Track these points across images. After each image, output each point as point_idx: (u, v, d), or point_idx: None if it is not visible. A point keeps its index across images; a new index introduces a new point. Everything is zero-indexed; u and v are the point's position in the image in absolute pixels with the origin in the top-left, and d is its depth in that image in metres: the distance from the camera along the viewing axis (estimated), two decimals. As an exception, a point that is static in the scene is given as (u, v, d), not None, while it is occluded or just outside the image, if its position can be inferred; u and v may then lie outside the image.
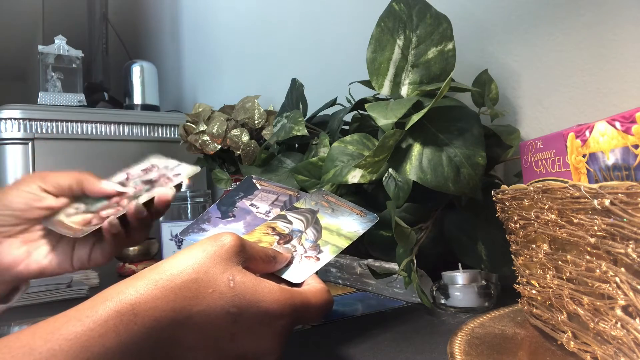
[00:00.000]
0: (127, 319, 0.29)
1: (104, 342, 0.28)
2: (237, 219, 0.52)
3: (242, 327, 0.33)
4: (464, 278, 0.56)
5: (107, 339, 0.28)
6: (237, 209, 0.53)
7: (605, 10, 0.58)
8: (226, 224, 0.51)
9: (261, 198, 0.54)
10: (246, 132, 1.10)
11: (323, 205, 0.52)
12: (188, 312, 0.31)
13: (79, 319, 0.29)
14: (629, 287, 0.29)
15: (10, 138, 1.39)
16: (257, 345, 0.34)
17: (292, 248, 0.45)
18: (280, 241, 0.46)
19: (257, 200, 0.54)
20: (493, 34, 0.73)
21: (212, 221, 0.52)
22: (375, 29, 0.65)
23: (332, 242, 0.46)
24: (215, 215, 0.52)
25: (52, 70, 1.64)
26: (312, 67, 1.17)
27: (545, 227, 0.38)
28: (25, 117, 1.40)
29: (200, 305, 0.32)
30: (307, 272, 0.43)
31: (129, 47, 2.14)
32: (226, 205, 0.53)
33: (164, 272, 0.32)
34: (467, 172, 0.55)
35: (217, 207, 0.53)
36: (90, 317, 0.29)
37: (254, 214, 0.53)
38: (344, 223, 0.50)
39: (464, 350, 0.40)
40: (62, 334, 0.28)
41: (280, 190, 0.56)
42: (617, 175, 0.33)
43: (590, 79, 0.61)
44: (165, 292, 0.31)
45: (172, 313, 0.31)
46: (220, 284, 0.33)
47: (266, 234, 0.47)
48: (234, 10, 1.56)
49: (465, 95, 0.70)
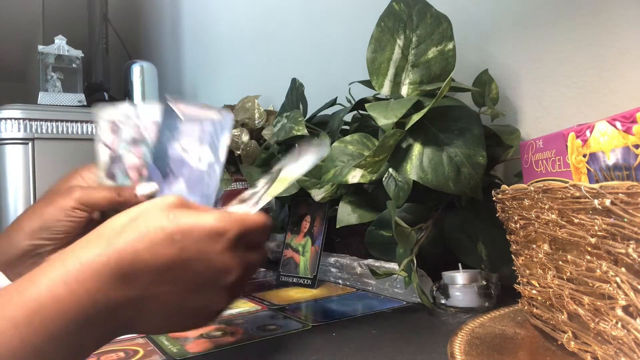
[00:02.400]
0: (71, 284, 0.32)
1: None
2: (176, 177, 0.52)
3: (190, 252, 0.34)
4: (464, 278, 0.56)
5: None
6: (171, 160, 0.52)
7: (605, 10, 0.58)
8: (171, 188, 0.51)
9: (187, 134, 0.52)
10: (246, 132, 1.10)
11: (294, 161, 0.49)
12: (133, 250, 0.33)
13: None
14: (629, 287, 0.29)
15: (10, 138, 1.39)
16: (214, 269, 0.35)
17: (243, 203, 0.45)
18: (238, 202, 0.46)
19: (185, 140, 0.52)
20: (493, 34, 0.73)
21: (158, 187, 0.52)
22: (376, 29, 0.65)
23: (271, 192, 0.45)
24: (157, 179, 0.52)
25: (52, 70, 1.63)
26: (312, 67, 1.16)
27: (546, 227, 0.38)
28: (25, 117, 1.40)
29: (143, 242, 0.33)
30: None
31: (129, 47, 2.14)
32: (161, 158, 0.52)
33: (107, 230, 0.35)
34: (468, 172, 0.55)
35: (155, 164, 0.52)
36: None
37: (189, 165, 0.52)
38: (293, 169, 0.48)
39: (464, 350, 0.40)
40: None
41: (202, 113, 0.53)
42: (618, 175, 0.33)
43: (590, 79, 0.61)
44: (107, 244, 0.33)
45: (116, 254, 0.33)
46: (161, 220, 0.34)
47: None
48: (234, 10, 1.56)
49: (465, 95, 0.70)
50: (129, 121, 0.53)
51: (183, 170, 0.52)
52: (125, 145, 0.53)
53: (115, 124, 0.53)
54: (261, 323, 0.54)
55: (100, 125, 0.54)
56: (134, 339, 0.51)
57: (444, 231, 0.62)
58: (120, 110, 0.54)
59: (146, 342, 0.49)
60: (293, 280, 0.74)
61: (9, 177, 1.38)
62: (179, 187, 0.51)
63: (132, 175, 0.53)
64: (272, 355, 0.44)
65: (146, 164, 0.53)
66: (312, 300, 0.65)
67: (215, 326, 0.54)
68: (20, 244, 0.48)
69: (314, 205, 0.77)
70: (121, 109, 0.54)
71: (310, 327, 0.52)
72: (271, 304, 0.63)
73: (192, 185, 0.52)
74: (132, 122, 0.53)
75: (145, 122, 0.53)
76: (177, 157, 0.52)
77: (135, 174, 0.53)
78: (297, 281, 0.74)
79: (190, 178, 0.52)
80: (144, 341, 0.50)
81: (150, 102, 0.54)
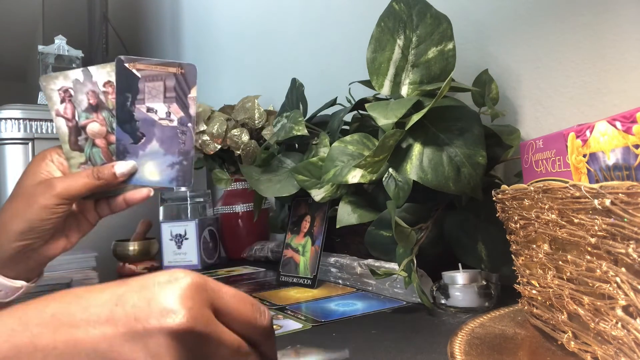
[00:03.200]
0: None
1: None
2: (149, 138, 0.50)
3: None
4: (464, 278, 0.56)
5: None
6: (140, 122, 0.50)
7: (605, 10, 0.58)
8: (145, 149, 0.50)
9: (150, 93, 0.50)
10: (246, 132, 1.10)
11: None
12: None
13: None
14: (629, 287, 0.29)
15: (10, 138, 1.39)
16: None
17: None
18: None
19: (149, 100, 0.50)
20: (493, 34, 0.73)
21: (130, 151, 0.50)
22: (376, 29, 0.65)
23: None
24: (127, 142, 0.50)
25: (52, 70, 1.63)
26: (312, 67, 1.17)
27: (546, 227, 0.38)
28: (25, 117, 1.40)
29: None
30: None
31: (129, 47, 2.14)
32: (127, 122, 0.50)
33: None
34: (468, 172, 0.55)
35: (122, 129, 0.50)
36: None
37: (159, 123, 0.50)
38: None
39: (464, 350, 0.40)
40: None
41: (160, 70, 0.51)
42: (618, 175, 0.33)
43: (590, 79, 0.61)
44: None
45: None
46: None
47: None
48: (234, 10, 1.56)
49: (465, 95, 0.70)
50: (83, 87, 0.51)
51: (154, 130, 0.50)
52: (84, 113, 0.51)
53: (67, 92, 0.51)
54: (261, 323, 0.54)
55: (51, 97, 0.51)
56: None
57: (444, 231, 0.62)
58: (70, 78, 0.51)
59: (146, 342, 0.49)
60: (293, 280, 0.74)
61: (9, 177, 1.38)
62: (153, 147, 0.50)
63: (99, 142, 0.51)
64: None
65: (112, 130, 0.51)
66: (312, 300, 0.65)
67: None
68: (9, 246, 0.47)
69: (314, 205, 0.77)
70: (71, 76, 0.51)
71: (310, 327, 0.52)
72: (271, 304, 0.63)
73: (166, 144, 0.50)
74: (86, 88, 0.51)
75: (101, 86, 0.51)
76: (144, 117, 0.50)
77: (103, 141, 0.51)
78: (297, 281, 0.74)
79: (162, 137, 0.50)
80: (144, 341, 0.50)
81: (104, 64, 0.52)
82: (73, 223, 0.52)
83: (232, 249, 1.15)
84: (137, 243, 1.00)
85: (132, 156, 0.50)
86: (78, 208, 0.53)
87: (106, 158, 0.51)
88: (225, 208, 1.14)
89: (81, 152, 0.51)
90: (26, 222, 0.47)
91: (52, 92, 0.51)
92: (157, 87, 0.50)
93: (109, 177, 0.49)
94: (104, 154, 0.51)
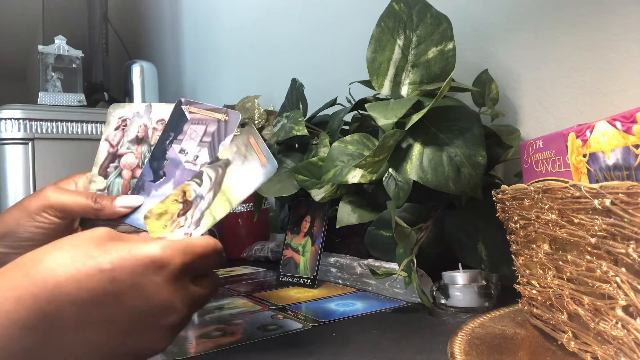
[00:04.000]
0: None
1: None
2: (167, 178, 0.49)
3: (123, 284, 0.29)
4: (464, 278, 0.56)
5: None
6: (168, 162, 0.50)
7: (606, 11, 0.58)
8: (157, 189, 0.49)
9: (190, 135, 0.50)
10: (246, 132, 1.10)
11: (240, 152, 0.48)
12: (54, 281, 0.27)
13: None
14: (629, 287, 0.29)
15: (10, 138, 1.39)
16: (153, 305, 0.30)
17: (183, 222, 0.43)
18: (181, 212, 0.44)
19: (186, 141, 0.50)
20: (493, 34, 0.73)
21: (145, 188, 0.49)
22: (376, 29, 0.65)
23: (213, 213, 0.44)
24: (148, 179, 0.50)
25: (52, 70, 1.63)
26: (312, 67, 1.17)
27: (546, 227, 0.38)
28: (25, 117, 1.40)
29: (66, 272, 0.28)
30: None
31: (129, 47, 2.14)
32: (158, 159, 0.50)
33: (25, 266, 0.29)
34: (468, 172, 0.55)
35: (150, 165, 0.50)
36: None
37: (183, 165, 0.50)
38: (239, 180, 0.46)
39: (464, 350, 0.40)
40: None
41: (208, 115, 0.51)
42: (618, 175, 0.33)
43: (590, 79, 0.61)
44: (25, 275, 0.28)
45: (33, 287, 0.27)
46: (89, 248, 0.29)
47: (175, 202, 0.45)
48: (234, 10, 1.56)
49: (465, 95, 0.70)
50: (139, 120, 0.52)
51: (176, 172, 0.50)
52: (128, 143, 0.52)
53: (125, 121, 0.52)
54: (261, 323, 0.54)
55: (110, 122, 0.53)
56: (134, 339, 0.51)
57: (444, 231, 0.62)
58: (134, 109, 0.52)
59: (146, 342, 0.49)
60: (293, 280, 0.74)
61: (9, 177, 1.38)
62: (166, 189, 0.49)
63: (125, 174, 0.51)
64: (272, 355, 0.44)
65: (142, 165, 0.51)
66: (312, 300, 0.65)
67: (215, 326, 0.54)
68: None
69: (314, 205, 0.77)
70: (135, 108, 0.53)
71: (311, 327, 0.52)
72: (271, 304, 0.63)
73: (177, 183, 0.49)
74: (141, 121, 0.52)
75: (154, 122, 0.52)
76: (174, 157, 0.50)
77: (129, 172, 0.52)
78: (297, 281, 0.74)
79: (180, 180, 0.49)
80: (144, 341, 0.50)
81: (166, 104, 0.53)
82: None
83: (232, 249, 1.15)
84: (137, 243, 1.00)
85: (145, 194, 0.49)
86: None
87: (123, 191, 0.51)
88: (225, 208, 1.14)
89: (104, 179, 0.51)
90: (3, 224, 0.43)
91: (112, 119, 0.53)
92: (198, 131, 0.51)
93: (107, 205, 0.46)
94: (122, 187, 0.51)
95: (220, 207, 0.44)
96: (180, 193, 0.45)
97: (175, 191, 0.45)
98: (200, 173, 0.47)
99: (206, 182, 0.46)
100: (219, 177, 0.46)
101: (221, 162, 0.47)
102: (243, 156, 0.47)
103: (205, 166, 0.47)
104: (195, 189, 0.46)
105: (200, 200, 0.45)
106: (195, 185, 0.46)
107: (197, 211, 0.44)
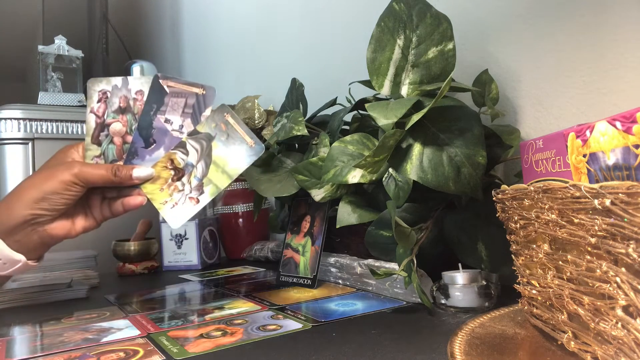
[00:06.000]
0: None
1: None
2: (158, 145, 0.57)
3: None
4: (464, 278, 0.56)
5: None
6: (155, 130, 0.57)
7: (605, 11, 0.58)
8: (151, 154, 0.57)
9: (172, 107, 0.57)
10: (246, 132, 1.10)
11: (221, 129, 0.56)
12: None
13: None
14: (629, 287, 0.29)
15: (10, 138, 1.39)
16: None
17: (181, 187, 0.52)
18: (175, 177, 0.53)
19: (169, 112, 0.57)
20: (493, 34, 0.73)
21: (139, 154, 0.57)
22: (376, 29, 0.65)
23: (214, 181, 0.52)
24: (140, 146, 0.57)
25: (52, 70, 1.63)
26: (312, 67, 1.17)
27: (546, 227, 0.38)
28: (25, 117, 1.40)
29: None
30: (186, 216, 0.51)
31: (129, 47, 2.14)
32: (145, 128, 0.57)
33: None
34: (468, 172, 0.55)
35: (139, 134, 0.57)
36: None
37: (170, 133, 0.57)
38: (232, 155, 0.54)
39: (464, 350, 0.40)
40: None
41: (186, 88, 0.58)
42: (618, 175, 0.33)
43: (590, 79, 0.61)
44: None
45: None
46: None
47: (165, 168, 0.53)
48: (234, 10, 1.56)
49: (465, 95, 0.70)
50: (118, 92, 0.58)
51: (165, 139, 0.57)
52: (112, 113, 0.58)
53: (105, 94, 0.58)
54: (261, 323, 0.54)
55: (91, 96, 0.59)
56: (134, 339, 0.51)
57: (444, 231, 0.62)
58: (111, 83, 0.59)
59: (146, 342, 0.49)
60: (293, 280, 0.74)
61: (9, 177, 1.38)
62: (159, 154, 0.57)
63: (117, 140, 0.58)
64: (272, 355, 0.44)
65: (131, 132, 0.58)
66: (312, 300, 0.65)
67: (215, 326, 0.54)
68: (20, 213, 0.51)
69: (314, 205, 0.77)
70: (112, 82, 0.59)
71: (310, 327, 0.52)
72: (271, 304, 0.63)
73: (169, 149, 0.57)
74: (121, 93, 0.58)
75: (133, 93, 0.58)
76: (160, 126, 0.57)
77: (120, 139, 0.58)
78: (297, 281, 0.74)
79: (170, 146, 0.57)
80: (144, 341, 0.50)
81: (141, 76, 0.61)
82: (81, 212, 0.57)
83: (232, 249, 1.15)
84: (137, 243, 1.00)
85: (140, 159, 0.57)
86: (87, 200, 0.57)
87: (118, 156, 0.58)
88: (225, 208, 1.15)
89: (98, 147, 0.58)
90: (41, 192, 0.52)
91: (93, 92, 0.59)
92: (179, 103, 0.58)
93: (125, 177, 0.55)
94: (117, 152, 0.58)
95: (219, 177, 0.53)
96: (167, 160, 0.54)
97: (162, 158, 0.54)
98: (183, 143, 0.56)
99: (192, 152, 0.55)
100: (205, 149, 0.55)
101: (202, 135, 0.56)
102: (226, 133, 0.55)
103: (186, 137, 0.56)
104: (182, 157, 0.55)
105: (192, 168, 0.53)
106: (181, 154, 0.55)
107: (193, 179, 0.53)
